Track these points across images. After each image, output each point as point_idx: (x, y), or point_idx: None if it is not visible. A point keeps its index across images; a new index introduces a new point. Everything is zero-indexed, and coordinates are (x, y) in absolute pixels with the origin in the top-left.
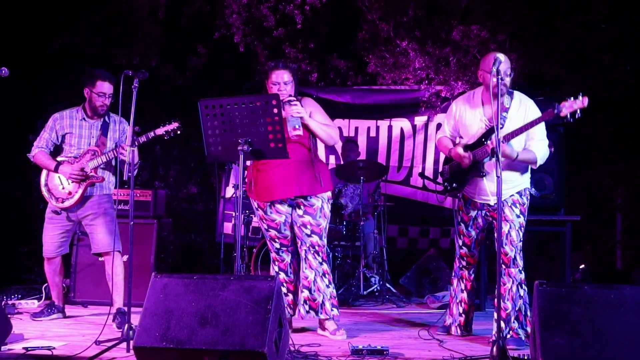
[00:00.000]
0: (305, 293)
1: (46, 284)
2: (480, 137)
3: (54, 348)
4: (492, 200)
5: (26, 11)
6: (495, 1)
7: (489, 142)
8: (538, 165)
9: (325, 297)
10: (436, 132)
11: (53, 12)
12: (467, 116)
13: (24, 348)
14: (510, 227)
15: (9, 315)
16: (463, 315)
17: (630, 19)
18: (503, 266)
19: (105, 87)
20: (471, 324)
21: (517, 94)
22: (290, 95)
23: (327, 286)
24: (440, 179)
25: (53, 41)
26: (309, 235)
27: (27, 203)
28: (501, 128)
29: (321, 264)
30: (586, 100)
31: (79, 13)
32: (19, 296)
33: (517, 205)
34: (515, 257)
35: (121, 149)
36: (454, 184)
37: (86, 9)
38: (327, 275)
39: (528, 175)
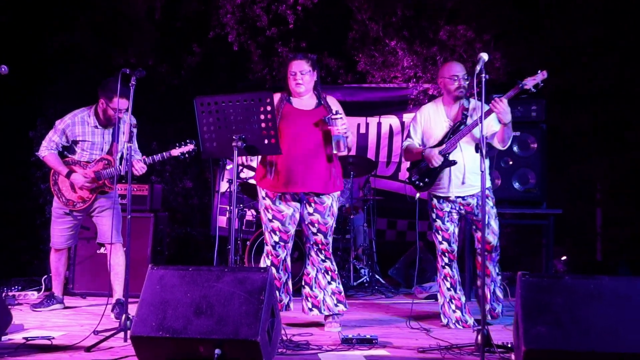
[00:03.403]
0: (307, 289)
1: (45, 276)
2: (445, 135)
3: (53, 338)
4: (464, 193)
5: (27, 11)
6: (480, 2)
7: (457, 133)
8: (507, 145)
9: (327, 294)
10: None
11: (53, 12)
12: (432, 121)
13: (24, 338)
14: (489, 217)
15: (9, 306)
16: (457, 310)
17: (609, 19)
18: (486, 253)
19: (122, 104)
20: (466, 315)
21: (472, 100)
22: (337, 112)
23: (330, 283)
24: (408, 179)
25: (53, 41)
26: (314, 234)
27: (27, 198)
28: (465, 125)
29: (324, 261)
30: (545, 72)
31: (78, 14)
32: (19, 288)
33: (489, 198)
34: (496, 243)
35: (134, 167)
36: (426, 179)
37: (85, 9)
38: (330, 272)
39: (488, 176)
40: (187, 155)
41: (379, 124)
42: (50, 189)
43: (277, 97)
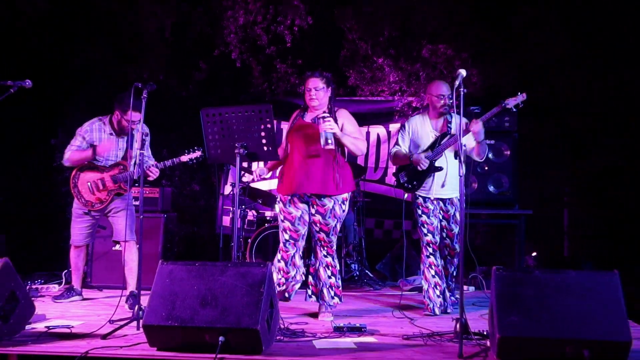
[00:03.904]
0: (310, 278)
1: (66, 271)
2: (432, 143)
3: (72, 326)
4: (444, 195)
5: (50, 32)
6: (459, 24)
7: (442, 143)
8: (484, 158)
9: (325, 286)
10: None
11: (73, 32)
12: (420, 131)
13: (45, 327)
14: (460, 229)
15: (33, 298)
16: (440, 296)
17: (574, 40)
18: (448, 257)
19: (135, 116)
20: (448, 304)
21: (454, 115)
22: (324, 112)
23: (329, 277)
24: (396, 182)
25: (74, 58)
26: (317, 232)
27: (50, 200)
28: (451, 136)
29: (326, 256)
30: (525, 94)
31: (96, 33)
32: (42, 281)
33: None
34: (459, 250)
35: (149, 172)
36: (415, 182)
37: (102, 30)
38: (330, 267)
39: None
40: (194, 161)
41: (368, 133)
42: (70, 192)
43: (295, 113)
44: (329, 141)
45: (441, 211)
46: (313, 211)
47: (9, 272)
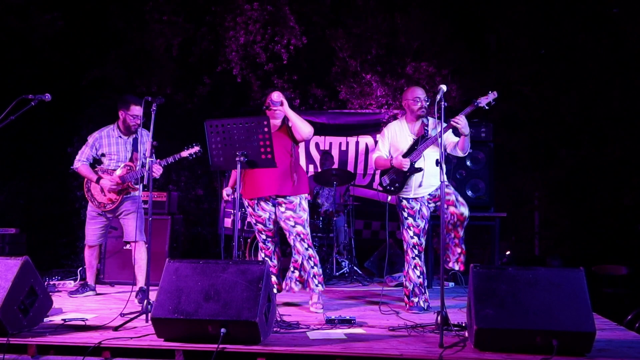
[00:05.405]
0: (296, 273)
1: (81, 268)
2: (410, 147)
3: (86, 319)
4: (428, 190)
5: (66, 49)
6: (440, 43)
7: (421, 145)
8: (467, 152)
9: (309, 276)
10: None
11: (87, 50)
12: (398, 136)
13: (62, 319)
14: (457, 196)
15: (50, 293)
16: (425, 292)
17: (545, 58)
18: (457, 222)
19: (137, 110)
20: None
21: (430, 118)
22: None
23: (312, 267)
24: (380, 187)
25: (87, 73)
26: (293, 226)
27: (66, 203)
28: (427, 138)
29: (307, 249)
30: (496, 92)
31: (108, 51)
32: (59, 278)
33: (449, 187)
34: (468, 214)
35: (152, 170)
36: (397, 185)
37: (114, 47)
38: (312, 259)
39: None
40: (194, 156)
41: (357, 143)
42: (84, 196)
43: None
44: (275, 105)
45: (429, 201)
46: (282, 209)
47: (29, 269)
